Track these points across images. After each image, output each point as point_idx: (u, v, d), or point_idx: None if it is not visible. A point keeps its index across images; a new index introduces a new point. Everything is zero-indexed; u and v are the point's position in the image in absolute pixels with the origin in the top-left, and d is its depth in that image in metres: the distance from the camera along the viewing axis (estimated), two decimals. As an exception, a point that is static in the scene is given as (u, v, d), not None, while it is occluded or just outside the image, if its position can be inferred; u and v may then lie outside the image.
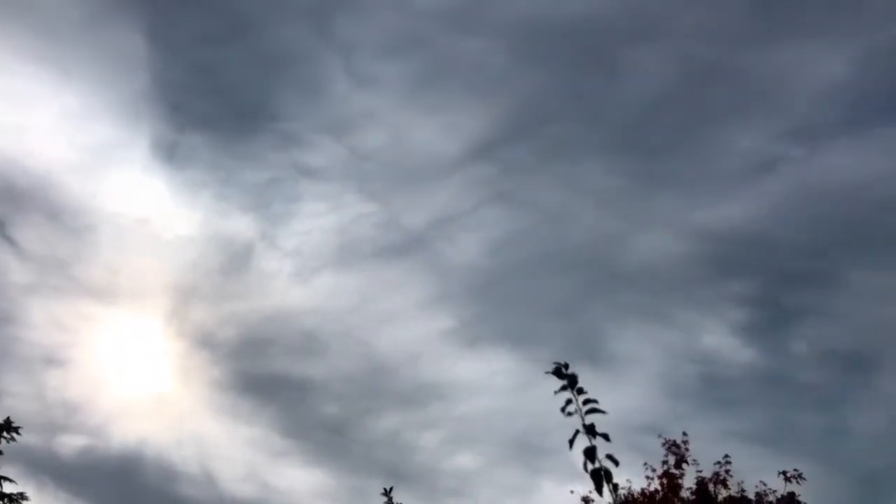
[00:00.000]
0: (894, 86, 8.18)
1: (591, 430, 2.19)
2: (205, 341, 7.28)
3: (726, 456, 5.36)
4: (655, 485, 5.27)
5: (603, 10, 7.78)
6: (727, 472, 5.18)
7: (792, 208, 7.98)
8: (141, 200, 7.44)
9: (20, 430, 4.26)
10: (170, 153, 7.58)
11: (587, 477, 2.13)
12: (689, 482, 5.19)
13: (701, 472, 5.13)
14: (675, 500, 5.13)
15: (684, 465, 5.17)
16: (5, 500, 4.24)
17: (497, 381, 7.44)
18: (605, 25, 7.83)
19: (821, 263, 8.11)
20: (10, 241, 7.52)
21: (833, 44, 7.88)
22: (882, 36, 7.74)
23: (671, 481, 5.17)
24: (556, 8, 7.79)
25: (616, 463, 2.24)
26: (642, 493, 5.27)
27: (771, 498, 5.19)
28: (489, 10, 7.65)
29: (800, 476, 5.04)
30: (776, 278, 7.92)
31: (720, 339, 8.05)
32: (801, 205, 7.97)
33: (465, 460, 7.14)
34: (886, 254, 8.32)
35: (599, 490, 2.14)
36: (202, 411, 7.08)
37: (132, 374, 7.38)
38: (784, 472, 5.10)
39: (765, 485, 5.18)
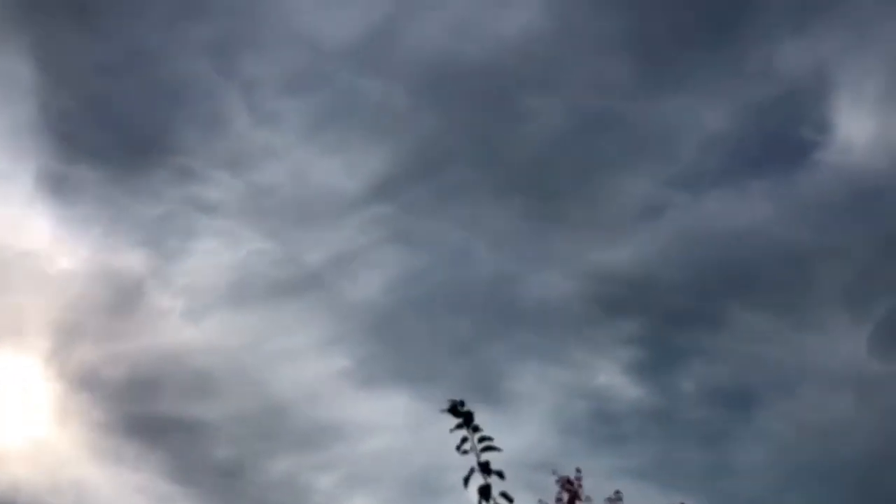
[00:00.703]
0: (769, 139, 8.55)
1: (485, 468, 2.14)
2: (88, 382, 6.96)
3: (617, 491, 5.37)
4: (549, 521, 5.28)
5: (502, 58, 7.87)
6: (618, 507, 5.23)
7: (678, 251, 8.17)
8: (24, 234, 7.10)
9: None
10: (57, 186, 7.28)
11: (482, 516, 2.08)
12: (581, 519, 5.21)
13: (593, 507, 5.15)
14: (568, 535, 5.14)
15: (577, 502, 5.16)
16: None
17: (394, 421, 7.34)
18: (504, 72, 7.92)
19: (705, 304, 8.31)
20: None
21: (713, 98, 8.17)
22: (757, 92, 8.08)
23: (564, 518, 5.19)
24: (458, 54, 7.85)
25: (511, 500, 2.19)
26: (536, 529, 5.26)
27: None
28: (392, 51, 7.66)
29: (686, 509, 5.14)
30: (663, 319, 8.07)
31: (611, 378, 8.14)
32: (687, 248, 8.17)
33: (362, 501, 6.99)
34: (765, 296, 8.60)
35: (494, 528, 2.09)
36: (83, 456, 6.75)
37: (5, 418, 6.99)
38: (671, 507, 5.19)
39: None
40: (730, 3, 8.46)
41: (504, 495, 2.18)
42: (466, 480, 2.15)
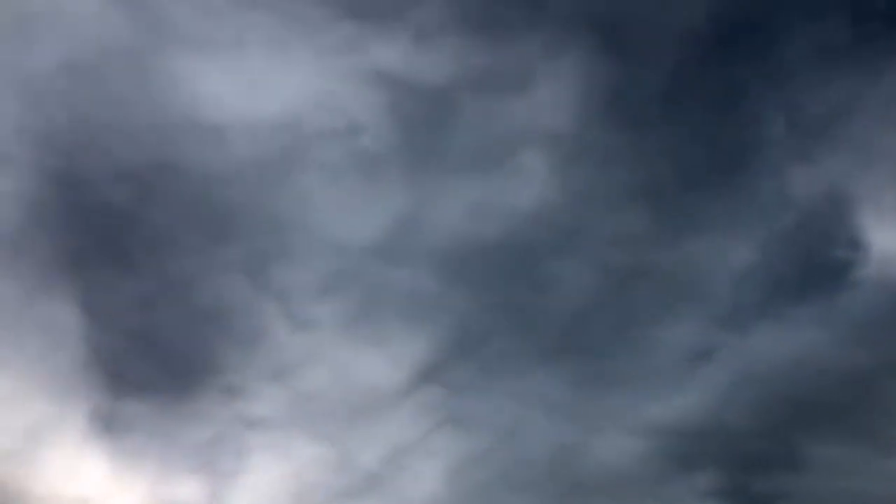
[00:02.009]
0: (802, 265, 8.26)
1: None
2: None
3: None
4: None
5: (522, 230, 7.82)
6: None
7: (736, 393, 7.70)
8: (79, 478, 6.90)
9: None
10: (109, 424, 7.15)
11: None
12: None
13: None
14: None
15: None
16: None
17: None
18: (526, 243, 7.85)
19: (778, 444, 7.71)
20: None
21: (736, 233, 7.99)
22: (777, 221, 7.90)
23: None
24: (478, 233, 7.83)
25: None
26: None
27: None
28: (415, 240, 7.66)
29: None
30: (738, 466, 7.48)
31: (696, 537, 7.48)
32: (744, 388, 7.70)
33: None
34: (836, 425, 8.01)
35: None
36: None
37: None
38: None
39: None
40: (733, 141, 8.46)
41: None
42: None
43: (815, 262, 8.40)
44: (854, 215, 7.96)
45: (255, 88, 7.33)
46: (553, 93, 7.49)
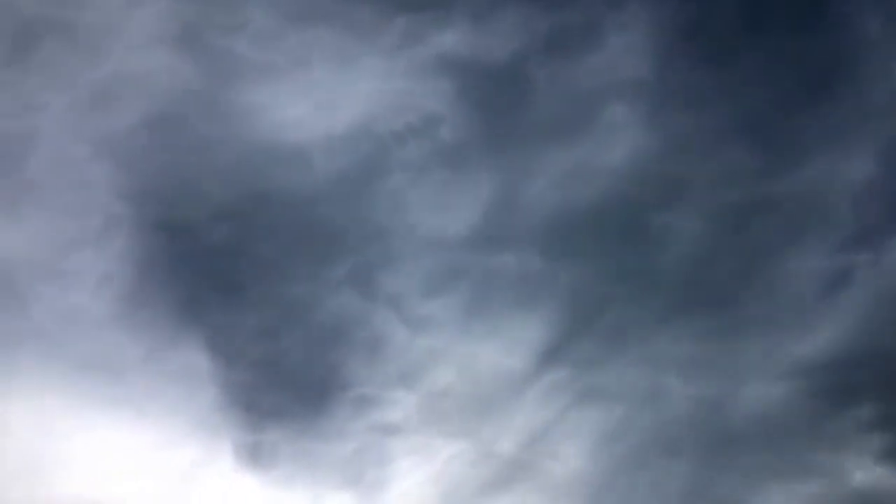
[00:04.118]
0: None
1: None
2: None
3: None
4: None
5: (619, 189, 7.18)
6: None
7: (881, 313, 6.81)
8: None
9: None
10: (253, 455, 6.97)
11: None
12: None
13: None
14: None
15: None
16: None
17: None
18: (626, 202, 7.21)
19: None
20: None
21: (849, 147, 7.07)
22: (892, 127, 6.95)
23: None
24: (576, 201, 7.24)
25: None
26: None
27: None
28: (511, 220, 7.14)
29: None
30: (899, 391, 6.61)
31: (868, 473, 6.65)
32: (888, 307, 6.81)
33: None
34: None
35: None
36: None
37: None
38: None
39: None
40: (827, 51, 7.51)
41: None
42: None
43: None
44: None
45: (327, 103, 6.97)
46: (625, 42, 6.79)
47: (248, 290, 7.56)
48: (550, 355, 6.88)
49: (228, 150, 6.90)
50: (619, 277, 6.63)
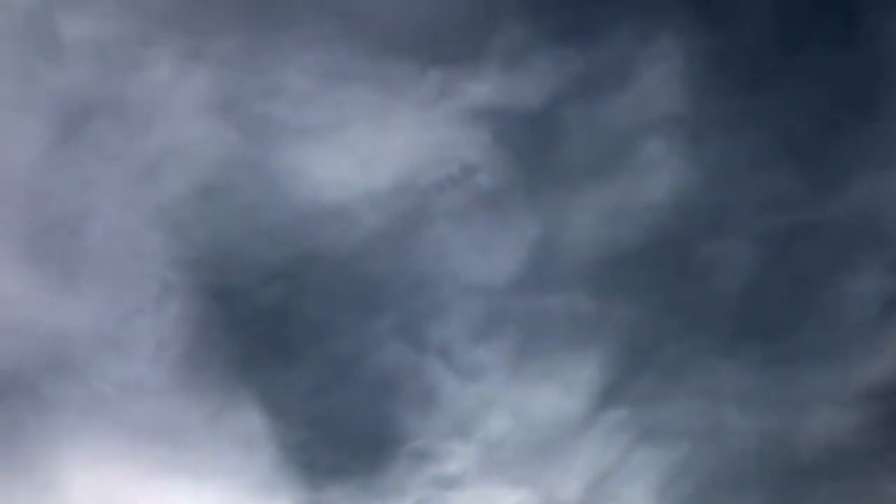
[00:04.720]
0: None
1: None
2: None
3: None
4: None
5: (663, 222, 7.04)
6: None
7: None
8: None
9: None
10: (313, 513, 6.87)
11: None
12: None
13: None
14: None
15: None
16: None
17: None
18: (671, 235, 7.05)
19: None
20: None
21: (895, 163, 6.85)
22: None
23: None
24: (619, 238, 7.11)
25: None
26: None
27: None
28: (555, 262, 7.02)
29: None
30: None
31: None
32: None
33: None
34: None
35: None
36: None
37: None
38: None
39: None
40: (863, 67, 7.34)
41: None
42: None
43: None
44: None
45: (367, 159, 7.00)
46: (657, 77, 6.72)
47: (299, 349, 7.52)
48: (607, 395, 6.66)
49: (274, 212, 6.93)
50: (670, 311, 6.43)
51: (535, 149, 6.84)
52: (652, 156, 6.84)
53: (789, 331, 6.41)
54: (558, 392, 6.89)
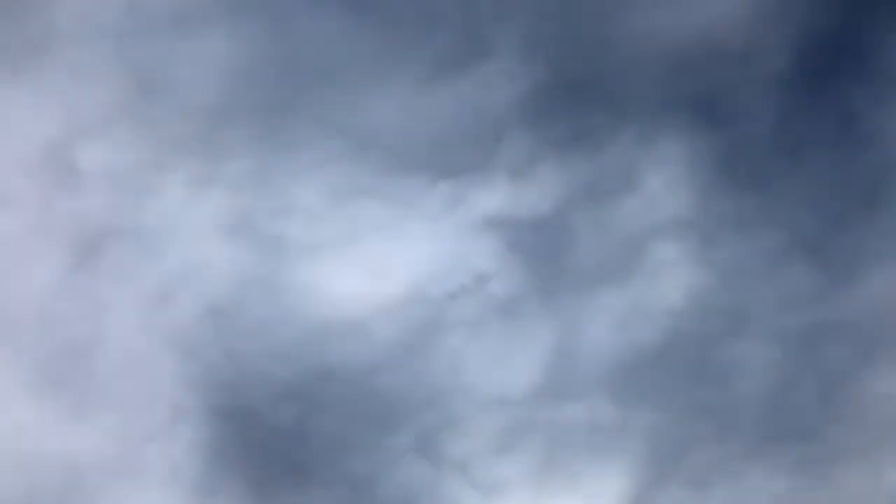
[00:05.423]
0: None
1: None
2: None
3: None
4: None
5: (680, 325, 6.86)
6: None
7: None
8: None
9: None
10: None
11: None
12: None
13: None
14: None
15: None
16: None
17: None
18: (689, 337, 6.85)
19: None
20: None
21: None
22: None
23: None
24: (636, 343, 6.92)
25: None
26: None
27: None
28: (573, 369, 6.80)
29: None
30: None
31: None
32: None
33: None
34: None
35: None
36: None
37: None
38: None
39: None
40: (869, 161, 7.29)
41: None
42: None
43: None
44: None
45: (378, 273, 6.89)
46: (663, 179, 6.66)
47: (315, 469, 7.22)
48: (643, 496, 6.30)
49: (286, 330, 6.78)
50: (695, 416, 6.15)
51: (546, 255, 6.73)
52: (663, 258, 6.71)
53: (820, 431, 6.09)
54: (584, 505, 6.54)
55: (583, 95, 6.80)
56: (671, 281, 6.56)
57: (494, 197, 6.72)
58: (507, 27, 6.82)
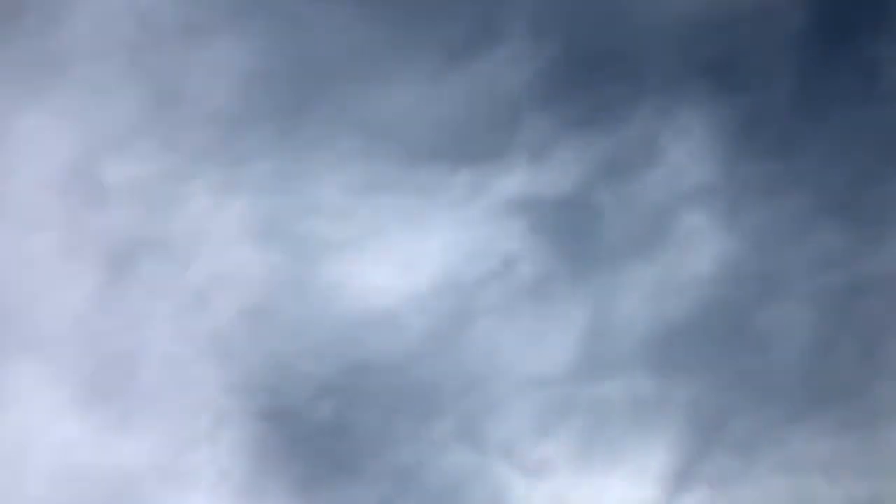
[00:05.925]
0: None
1: None
2: None
3: None
4: None
5: (714, 293, 6.72)
6: None
7: None
8: None
9: None
10: None
11: None
12: None
13: None
14: None
15: None
16: None
17: None
18: (724, 304, 6.71)
19: None
20: None
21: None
22: None
23: None
24: (671, 314, 6.79)
25: None
26: None
27: None
28: (609, 345, 6.70)
29: None
30: None
31: None
32: None
33: None
34: None
35: None
36: None
37: None
38: None
39: None
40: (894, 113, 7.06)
41: None
42: None
43: None
44: None
45: (407, 264, 6.82)
46: (685, 151, 6.51)
47: (360, 463, 7.20)
48: (682, 477, 6.18)
49: (320, 327, 6.74)
50: (736, 383, 6.01)
51: (572, 233, 6.61)
52: (691, 227, 6.56)
53: (864, 390, 5.94)
54: (630, 480, 6.44)
55: (598, 70, 6.65)
56: (701, 250, 6.42)
57: (516, 179, 6.62)
58: (516, 7, 6.68)
